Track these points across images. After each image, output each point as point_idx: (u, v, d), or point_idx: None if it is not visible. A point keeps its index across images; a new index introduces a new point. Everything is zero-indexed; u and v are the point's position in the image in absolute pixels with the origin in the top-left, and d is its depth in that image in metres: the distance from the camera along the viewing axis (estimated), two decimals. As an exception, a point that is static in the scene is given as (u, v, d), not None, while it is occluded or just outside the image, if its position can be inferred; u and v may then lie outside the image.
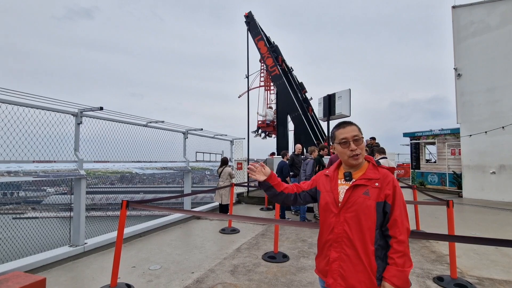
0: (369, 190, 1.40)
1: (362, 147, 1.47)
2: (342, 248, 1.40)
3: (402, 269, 1.31)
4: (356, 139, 1.46)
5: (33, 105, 3.58)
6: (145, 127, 5.66)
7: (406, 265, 1.32)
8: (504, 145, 9.32)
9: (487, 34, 9.87)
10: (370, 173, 1.44)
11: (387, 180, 1.40)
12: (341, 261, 1.40)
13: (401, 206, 1.39)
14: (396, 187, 1.40)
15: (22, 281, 1.93)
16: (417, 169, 13.51)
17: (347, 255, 1.38)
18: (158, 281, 3.28)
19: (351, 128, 1.49)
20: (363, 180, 1.43)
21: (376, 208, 1.38)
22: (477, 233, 5.34)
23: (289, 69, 11.62)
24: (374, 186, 1.40)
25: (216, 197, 6.87)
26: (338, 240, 1.42)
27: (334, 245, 1.43)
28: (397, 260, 1.33)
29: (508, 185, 9.19)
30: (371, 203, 1.38)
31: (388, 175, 1.43)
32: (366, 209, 1.38)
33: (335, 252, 1.42)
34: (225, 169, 7.00)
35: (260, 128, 12.58)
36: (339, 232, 1.42)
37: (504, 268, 3.69)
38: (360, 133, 1.49)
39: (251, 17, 10.80)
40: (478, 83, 10.05)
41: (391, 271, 1.33)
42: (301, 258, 4.03)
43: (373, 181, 1.41)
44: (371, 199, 1.38)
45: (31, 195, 12.04)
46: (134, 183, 25.44)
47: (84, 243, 4.07)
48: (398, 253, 1.33)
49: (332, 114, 8.67)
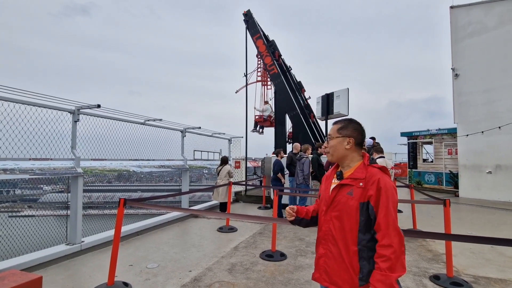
0: (353, 190, 1.40)
1: (331, 146, 1.54)
2: (328, 246, 1.45)
3: (386, 274, 1.26)
4: (329, 138, 1.57)
5: (30, 102, 3.55)
6: (143, 125, 5.64)
7: (392, 269, 1.26)
8: (500, 145, 9.38)
9: (485, 34, 9.91)
10: (357, 173, 1.44)
11: (372, 180, 1.36)
12: (326, 257, 1.45)
13: (387, 208, 1.31)
14: (381, 188, 1.33)
15: (18, 279, 1.91)
16: (414, 168, 13.58)
17: (332, 253, 1.43)
18: (155, 280, 3.28)
19: (331, 127, 1.60)
20: (348, 179, 1.44)
21: (359, 208, 1.36)
22: (473, 232, 5.38)
23: (288, 67, 11.61)
24: (359, 186, 1.39)
25: (215, 196, 6.88)
26: (325, 238, 1.47)
27: (322, 242, 1.50)
28: (380, 264, 1.29)
29: (504, 185, 9.26)
30: (353, 203, 1.38)
31: (374, 174, 1.38)
32: (348, 209, 1.39)
33: (322, 249, 1.48)
34: (224, 167, 7.01)
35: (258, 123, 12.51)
36: (326, 230, 1.47)
37: (499, 267, 3.73)
38: (338, 133, 1.52)
39: (249, 16, 10.76)
40: (475, 84, 10.11)
41: (375, 276, 1.30)
42: (299, 256, 4.04)
43: (358, 180, 1.40)
44: (354, 199, 1.38)
45: (27, 193, 11.97)
46: (131, 182, 25.35)
47: (81, 242, 4.05)
48: (381, 257, 1.29)
49: (330, 113, 8.68)
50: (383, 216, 1.31)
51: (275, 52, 10.89)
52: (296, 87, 11.11)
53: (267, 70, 10.63)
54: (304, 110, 10.34)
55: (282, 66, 11.02)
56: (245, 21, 10.80)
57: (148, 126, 5.79)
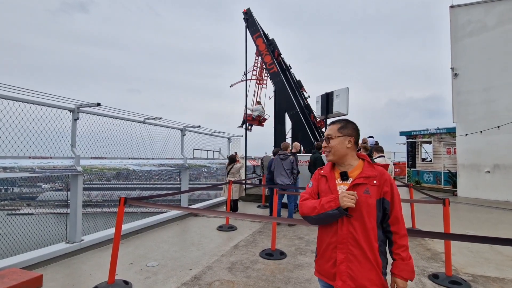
0: (369, 188, 1.42)
1: (331, 146, 1.52)
2: (348, 249, 1.40)
3: (408, 262, 1.39)
4: (328, 138, 1.55)
5: (29, 101, 3.54)
6: (143, 123, 5.63)
7: (410, 256, 1.41)
8: (499, 144, 9.42)
9: (484, 34, 9.92)
10: (367, 171, 1.46)
11: (384, 177, 1.44)
12: (348, 262, 1.40)
13: (399, 202, 1.46)
14: (392, 184, 1.45)
15: (18, 277, 1.91)
16: (413, 167, 13.63)
17: (354, 255, 1.39)
18: (155, 278, 3.28)
19: (330, 127, 1.59)
20: (361, 178, 1.44)
21: (376, 205, 1.41)
22: (471, 231, 5.41)
23: (287, 66, 11.59)
24: (373, 183, 1.42)
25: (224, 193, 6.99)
26: (343, 242, 1.41)
27: (339, 246, 1.42)
28: (402, 254, 1.40)
29: (502, 184, 9.30)
30: (372, 201, 1.40)
31: (384, 172, 1.47)
32: (368, 208, 1.40)
33: (341, 254, 1.41)
34: (235, 165, 7.13)
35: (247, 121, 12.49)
36: (344, 234, 1.42)
37: (497, 265, 3.75)
38: (339, 132, 1.53)
39: (249, 14, 10.72)
40: (474, 83, 10.12)
41: (399, 266, 1.39)
42: (298, 255, 4.05)
43: (371, 178, 1.43)
44: (372, 197, 1.41)
45: (26, 191, 11.93)
46: (130, 180, 25.31)
47: (81, 240, 4.04)
48: (402, 247, 1.40)
49: (330, 112, 8.69)
50: (398, 209, 1.43)
51: (275, 51, 10.87)
52: (295, 86, 11.10)
53: (267, 68, 10.61)
54: (303, 109, 10.33)
55: (282, 65, 11.00)
56: (245, 20, 10.77)
57: (148, 125, 5.79)
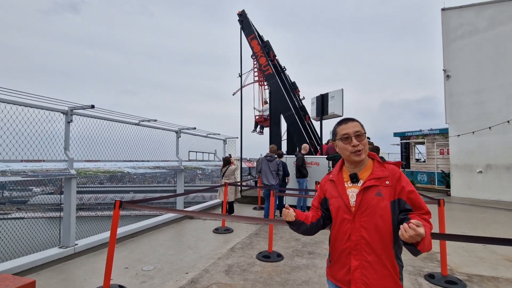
0: (381, 190, 1.31)
1: (365, 143, 1.39)
2: (363, 255, 1.31)
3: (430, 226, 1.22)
4: (358, 135, 1.38)
5: (21, 103, 3.47)
6: (137, 125, 5.57)
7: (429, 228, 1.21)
8: (491, 145, 9.58)
9: (476, 36, 10.11)
10: (378, 172, 1.35)
11: (396, 176, 1.33)
12: (362, 268, 1.31)
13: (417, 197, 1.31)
14: (406, 181, 1.33)
15: (11, 283, 1.86)
16: (407, 168, 13.77)
17: (368, 262, 1.30)
18: (152, 282, 3.24)
19: (353, 124, 1.42)
20: (372, 180, 1.33)
21: (390, 207, 1.30)
22: (465, 231, 5.47)
23: (282, 68, 11.63)
24: (385, 184, 1.31)
25: (220, 195, 6.94)
26: (357, 248, 1.33)
27: (353, 253, 1.34)
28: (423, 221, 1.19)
29: (494, 184, 9.46)
30: (385, 203, 1.30)
31: (395, 170, 1.36)
32: (381, 211, 1.29)
33: (356, 260, 1.33)
34: (230, 167, 7.11)
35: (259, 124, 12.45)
36: (357, 239, 1.32)
37: (491, 264, 3.80)
38: (363, 129, 1.42)
39: (244, 16, 10.73)
40: (466, 85, 10.30)
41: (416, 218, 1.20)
42: (295, 257, 4.04)
43: (383, 179, 1.32)
44: (385, 199, 1.30)
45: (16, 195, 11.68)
46: (124, 182, 25.01)
47: (74, 244, 3.97)
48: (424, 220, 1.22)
49: (325, 114, 8.72)
50: (420, 200, 1.30)
51: (270, 53, 10.89)
52: (290, 87, 11.13)
53: (262, 70, 10.62)
54: (299, 111, 10.36)
55: (277, 67, 11.03)
56: (239, 21, 10.77)
57: (143, 127, 5.73)
